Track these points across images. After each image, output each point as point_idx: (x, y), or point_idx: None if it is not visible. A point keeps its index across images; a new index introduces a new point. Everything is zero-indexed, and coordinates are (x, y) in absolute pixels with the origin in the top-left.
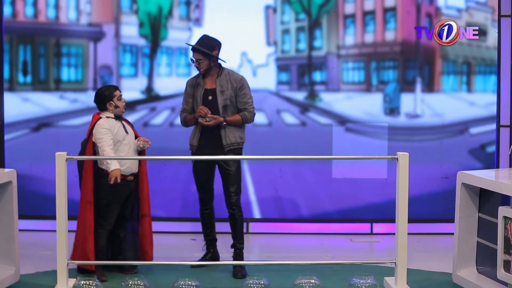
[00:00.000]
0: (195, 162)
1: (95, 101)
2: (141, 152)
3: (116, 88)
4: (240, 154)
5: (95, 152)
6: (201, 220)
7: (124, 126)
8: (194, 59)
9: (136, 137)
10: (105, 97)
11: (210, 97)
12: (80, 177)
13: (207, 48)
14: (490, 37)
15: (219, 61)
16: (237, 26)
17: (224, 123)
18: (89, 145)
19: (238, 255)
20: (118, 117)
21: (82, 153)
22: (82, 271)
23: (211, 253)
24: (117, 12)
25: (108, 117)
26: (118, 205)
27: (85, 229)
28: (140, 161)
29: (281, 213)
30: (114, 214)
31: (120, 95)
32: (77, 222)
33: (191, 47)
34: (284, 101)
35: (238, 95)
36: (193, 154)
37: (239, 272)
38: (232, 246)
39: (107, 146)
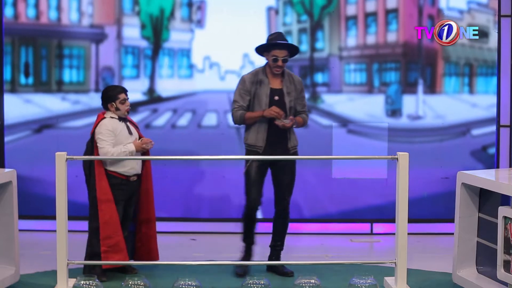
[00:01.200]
0: (251, 163)
1: (101, 98)
2: (145, 153)
3: (123, 90)
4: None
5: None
6: (244, 224)
7: (128, 127)
8: (278, 58)
9: (140, 138)
10: (108, 97)
11: (276, 98)
12: (87, 177)
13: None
14: (492, 38)
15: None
16: (239, 27)
17: (295, 126)
18: (94, 144)
19: (277, 255)
20: (123, 118)
21: (87, 152)
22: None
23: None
24: (119, 14)
25: (112, 117)
26: (121, 205)
27: (115, 227)
28: (144, 162)
29: None
30: (118, 214)
31: (125, 99)
32: (100, 221)
33: (275, 44)
34: None
35: (299, 97)
36: (255, 164)
37: (287, 270)
38: (272, 246)
39: (107, 146)
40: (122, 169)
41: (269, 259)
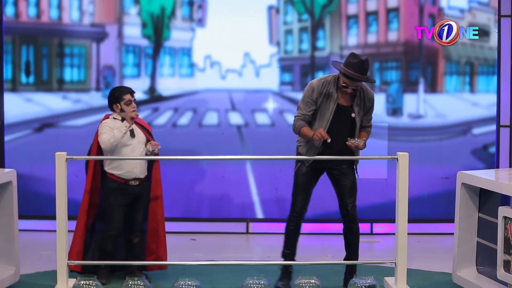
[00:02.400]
0: (302, 170)
1: (107, 99)
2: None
3: (129, 91)
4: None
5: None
6: (286, 235)
7: (132, 129)
8: (348, 86)
9: (148, 141)
10: (113, 98)
11: (353, 114)
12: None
13: (367, 73)
14: (493, 37)
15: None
16: (240, 26)
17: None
18: (93, 145)
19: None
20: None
21: (88, 154)
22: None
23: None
24: (120, 13)
25: (115, 118)
26: (120, 209)
27: (77, 230)
28: (152, 165)
29: (282, 213)
30: (117, 219)
31: (130, 100)
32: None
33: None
34: (287, 102)
35: (367, 113)
36: (305, 167)
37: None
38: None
39: (105, 135)
40: (119, 171)
41: (345, 275)
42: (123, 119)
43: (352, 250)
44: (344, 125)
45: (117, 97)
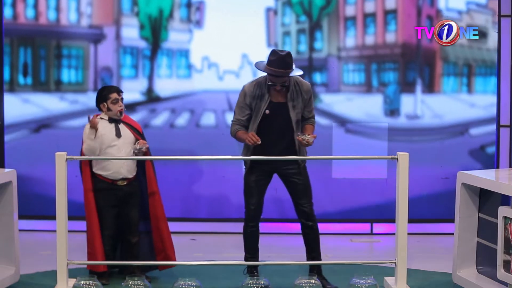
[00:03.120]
0: (252, 173)
1: (95, 99)
2: (144, 155)
3: (115, 90)
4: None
5: None
6: (245, 238)
7: (118, 129)
8: (276, 83)
9: (137, 140)
10: (100, 97)
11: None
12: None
13: (291, 67)
14: (491, 39)
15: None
16: (238, 28)
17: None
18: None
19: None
20: (115, 120)
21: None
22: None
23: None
24: (117, 14)
25: (102, 118)
26: (110, 209)
27: (93, 233)
28: (144, 164)
29: (281, 213)
30: (109, 219)
31: (117, 99)
32: (86, 227)
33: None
34: None
35: (307, 105)
36: (248, 170)
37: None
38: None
39: (84, 145)
40: (106, 172)
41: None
42: (110, 119)
43: (313, 249)
44: (283, 122)
45: (104, 96)
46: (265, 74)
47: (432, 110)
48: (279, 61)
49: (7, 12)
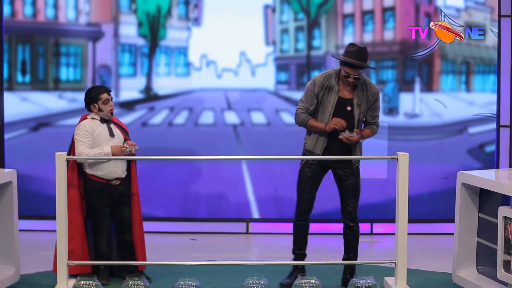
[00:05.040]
0: (307, 167)
1: (84, 100)
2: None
3: (106, 90)
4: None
5: None
6: (294, 231)
7: (110, 129)
8: (350, 75)
9: (125, 141)
10: (90, 98)
11: (348, 108)
12: None
13: (366, 61)
14: (489, 36)
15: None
16: (236, 25)
17: (362, 140)
18: (73, 146)
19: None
20: (106, 120)
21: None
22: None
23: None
24: (116, 12)
25: (93, 118)
26: (105, 209)
27: (75, 232)
28: (130, 164)
29: (281, 213)
30: (104, 219)
31: (107, 99)
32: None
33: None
34: (283, 101)
35: (371, 108)
36: (304, 163)
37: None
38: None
39: (82, 147)
40: (101, 172)
41: (344, 275)
42: (101, 119)
43: (351, 250)
44: (346, 118)
45: (94, 96)
46: (334, 68)
47: (431, 109)
48: (357, 53)
49: (6, 9)
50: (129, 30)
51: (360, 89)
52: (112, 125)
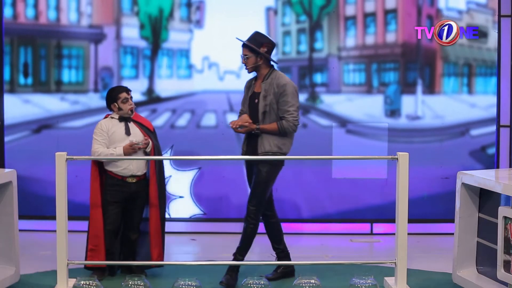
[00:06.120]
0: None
1: (105, 100)
2: (148, 154)
3: (124, 90)
4: (276, 163)
5: None
6: (254, 234)
7: (128, 127)
8: (242, 55)
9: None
10: (110, 98)
11: (256, 101)
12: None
13: (255, 44)
14: (491, 38)
15: (272, 62)
16: (238, 27)
17: (257, 131)
18: None
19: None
20: (125, 118)
21: None
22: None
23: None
24: (118, 14)
25: (112, 117)
26: (116, 206)
27: (97, 231)
28: (149, 163)
29: (281, 213)
30: (112, 214)
31: (126, 98)
32: (88, 224)
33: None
34: None
35: (279, 102)
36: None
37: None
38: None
39: (96, 145)
40: (116, 168)
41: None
42: (121, 118)
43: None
44: (253, 112)
45: (114, 96)
46: None
47: (433, 111)
48: (250, 35)
49: (7, 11)
50: (131, 32)
51: (268, 82)
52: (131, 123)
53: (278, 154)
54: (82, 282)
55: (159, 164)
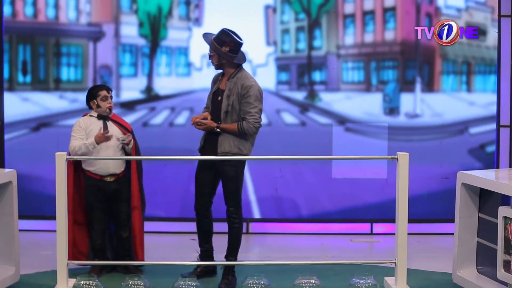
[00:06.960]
0: (198, 164)
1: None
2: (128, 153)
3: (105, 88)
4: (236, 164)
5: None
6: (197, 227)
7: (106, 125)
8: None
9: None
10: (90, 95)
11: (219, 98)
12: None
13: (218, 43)
14: (490, 37)
15: (238, 62)
16: (237, 25)
17: (218, 129)
18: None
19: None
20: (103, 117)
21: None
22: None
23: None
24: (116, 12)
25: (91, 115)
26: (98, 205)
27: (74, 228)
28: (129, 163)
29: (281, 213)
30: (97, 214)
31: (106, 96)
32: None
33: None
34: (284, 101)
35: (242, 103)
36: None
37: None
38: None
39: (72, 141)
40: (93, 168)
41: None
42: (99, 116)
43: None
44: (215, 110)
45: (94, 93)
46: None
47: (432, 109)
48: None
49: (6, 9)
50: (130, 30)
51: (234, 81)
52: (109, 122)
53: (239, 155)
54: (82, 282)
55: (139, 164)
